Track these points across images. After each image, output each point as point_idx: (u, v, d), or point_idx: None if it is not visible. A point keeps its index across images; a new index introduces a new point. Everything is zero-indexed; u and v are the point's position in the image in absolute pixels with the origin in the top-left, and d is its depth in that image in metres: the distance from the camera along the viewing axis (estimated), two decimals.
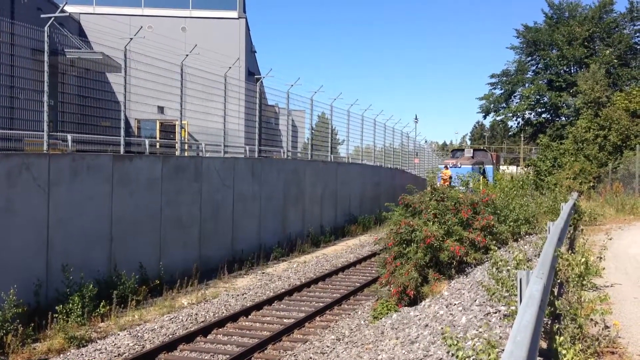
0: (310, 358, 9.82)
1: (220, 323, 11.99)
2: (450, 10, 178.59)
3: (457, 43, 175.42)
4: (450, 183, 27.81)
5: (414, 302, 11.50)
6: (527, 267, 7.21)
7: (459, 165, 30.39)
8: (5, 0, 20.63)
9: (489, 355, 4.88)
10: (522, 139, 55.45)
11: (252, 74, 29.80)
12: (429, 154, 54.39)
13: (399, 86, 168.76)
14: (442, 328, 7.90)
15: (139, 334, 11.11)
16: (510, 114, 44.05)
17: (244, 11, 30.82)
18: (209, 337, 11.31)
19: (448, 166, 30.92)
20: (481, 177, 27.97)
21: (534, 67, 43.78)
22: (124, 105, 15.04)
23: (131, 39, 15.01)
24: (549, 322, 6.48)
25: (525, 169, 42.90)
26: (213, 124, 19.06)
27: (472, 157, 34.39)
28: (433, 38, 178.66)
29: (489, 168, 34.23)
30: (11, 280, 10.69)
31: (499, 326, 7.10)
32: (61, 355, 10.06)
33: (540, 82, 42.02)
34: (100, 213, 13.28)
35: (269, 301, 13.88)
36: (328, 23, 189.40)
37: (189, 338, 10.96)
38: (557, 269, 7.77)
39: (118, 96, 15.65)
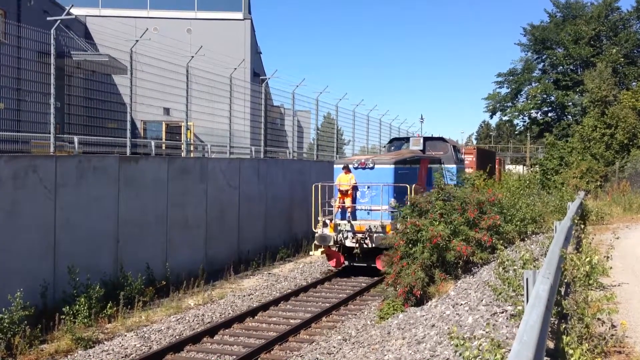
0: (317, 358, 9.81)
1: (227, 324, 12.00)
2: (455, 10, 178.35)
3: (462, 43, 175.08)
4: (353, 200, 16.59)
5: (420, 302, 11.49)
6: (534, 266, 7.20)
7: (371, 166, 16.59)
8: (11, 3, 20.74)
9: (496, 355, 4.86)
10: (529, 138, 55.23)
11: (257, 74, 29.81)
12: None
13: (405, 86, 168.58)
14: (448, 328, 7.89)
15: (146, 335, 11.14)
16: (517, 113, 43.94)
17: (249, 12, 30.85)
18: (216, 337, 11.32)
19: (351, 167, 16.67)
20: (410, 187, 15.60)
21: (540, 66, 43.65)
22: (130, 107, 15.10)
23: (137, 40, 15.06)
24: (556, 322, 6.46)
25: (532, 168, 42.78)
26: (219, 125, 19.11)
27: (422, 150, 20.24)
28: (438, 38, 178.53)
29: (452, 169, 19.94)
30: (18, 282, 10.75)
31: (506, 326, 7.08)
32: (68, 356, 10.09)
33: (546, 81, 41.88)
34: (106, 214, 13.32)
35: (275, 302, 13.89)
36: (333, 23, 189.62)
37: (195, 339, 10.98)
38: (564, 268, 7.75)
39: (124, 98, 15.70)
